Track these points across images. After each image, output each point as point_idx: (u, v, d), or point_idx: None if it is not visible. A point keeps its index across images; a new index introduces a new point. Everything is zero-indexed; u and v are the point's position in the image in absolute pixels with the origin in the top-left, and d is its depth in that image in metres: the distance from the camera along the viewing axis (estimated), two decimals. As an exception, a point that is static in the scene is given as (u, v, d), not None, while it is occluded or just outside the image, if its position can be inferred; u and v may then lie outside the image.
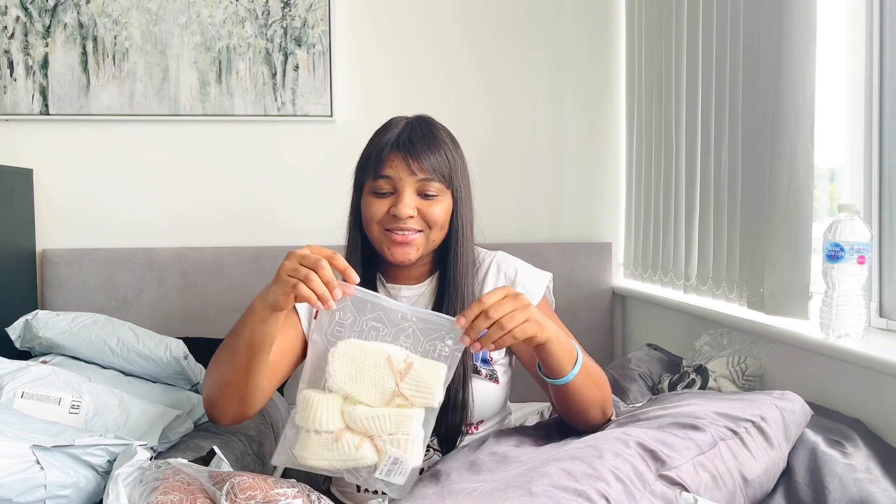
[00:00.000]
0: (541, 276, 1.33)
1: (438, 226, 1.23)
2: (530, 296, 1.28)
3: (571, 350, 1.12)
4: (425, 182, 1.21)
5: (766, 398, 1.19)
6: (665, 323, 2.14)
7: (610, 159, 2.51)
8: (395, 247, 1.23)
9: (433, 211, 1.22)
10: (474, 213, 1.31)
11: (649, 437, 1.04)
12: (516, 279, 1.31)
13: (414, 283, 1.32)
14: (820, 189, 1.64)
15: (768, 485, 1.12)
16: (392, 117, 1.30)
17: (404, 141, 1.22)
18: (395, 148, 1.22)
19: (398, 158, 1.21)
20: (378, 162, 1.22)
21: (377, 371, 1.00)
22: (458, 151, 1.29)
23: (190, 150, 2.39)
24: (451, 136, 1.29)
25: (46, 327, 1.70)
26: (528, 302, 1.03)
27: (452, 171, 1.24)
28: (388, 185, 1.22)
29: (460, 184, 1.26)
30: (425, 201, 1.22)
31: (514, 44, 2.46)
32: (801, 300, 1.48)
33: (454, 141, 1.29)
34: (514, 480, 0.94)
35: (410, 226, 1.21)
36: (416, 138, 1.22)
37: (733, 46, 1.71)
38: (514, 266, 1.33)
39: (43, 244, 2.33)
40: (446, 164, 1.23)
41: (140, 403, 1.48)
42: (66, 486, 1.15)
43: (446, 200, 1.24)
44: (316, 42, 2.37)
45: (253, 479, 0.93)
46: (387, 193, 1.23)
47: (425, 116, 1.30)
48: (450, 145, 1.26)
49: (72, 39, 2.32)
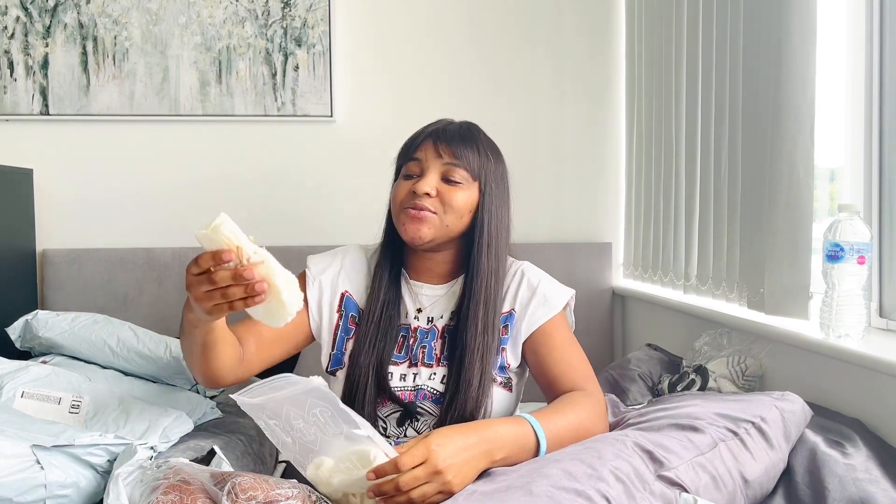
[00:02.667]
0: (564, 290, 1.33)
1: (455, 211, 1.23)
2: (549, 304, 1.28)
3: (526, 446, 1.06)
4: (451, 167, 1.24)
5: (767, 399, 1.20)
6: (665, 323, 2.14)
7: (610, 159, 2.51)
8: (409, 222, 1.23)
9: (454, 196, 1.23)
10: (510, 220, 1.31)
11: (647, 440, 1.05)
12: (538, 287, 1.30)
13: (436, 283, 1.32)
14: (820, 189, 1.64)
15: (768, 485, 1.12)
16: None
17: (440, 130, 1.27)
18: (430, 136, 1.27)
19: (429, 143, 1.26)
20: (411, 147, 1.28)
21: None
22: (498, 159, 1.30)
23: (190, 150, 2.39)
24: (494, 145, 1.32)
25: (46, 327, 1.70)
26: (445, 479, 0.97)
27: (482, 166, 1.26)
28: (417, 167, 1.25)
29: (490, 181, 1.27)
30: (448, 185, 1.24)
31: (514, 44, 2.46)
32: (801, 300, 1.47)
33: (495, 149, 1.31)
34: (515, 481, 0.94)
35: (427, 204, 1.22)
36: (451, 130, 1.27)
37: (733, 46, 1.71)
38: (538, 276, 1.32)
39: (43, 244, 2.33)
40: (476, 156, 1.25)
41: (140, 403, 1.48)
42: (66, 486, 1.15)
43: (470, 191, 1.25)
44: (316, 42, 2.36)
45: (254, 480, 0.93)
46: (414, 176, 1.25)
47: (471, 122, 1.33)
48: (486, 148, 1.28)
49: (72, 39, 2.32)
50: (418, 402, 1.24)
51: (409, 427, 1.25)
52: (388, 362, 1.27)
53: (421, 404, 1.24)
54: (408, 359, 1.28)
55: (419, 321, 1.31)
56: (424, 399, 1.24)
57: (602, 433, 1.15)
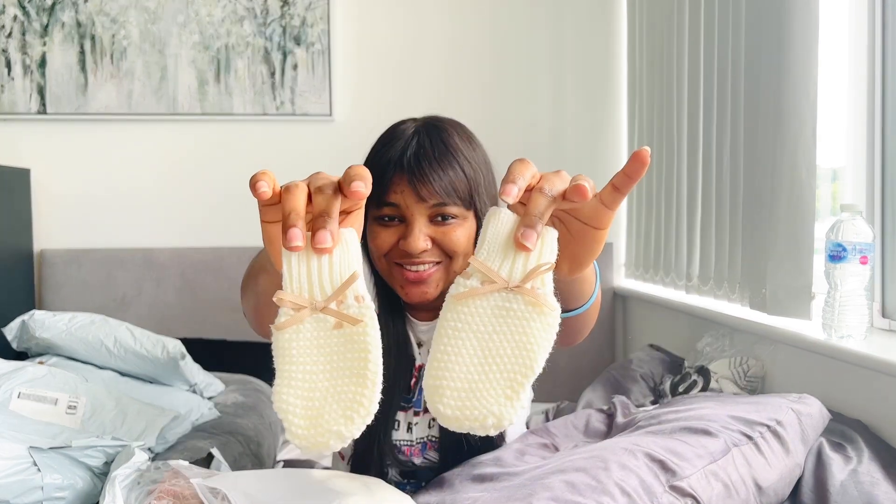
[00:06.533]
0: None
1: (460, 255, 1.02)
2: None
3: (592, 274, 0.83)
4: (439, 206, 1.01)
5: (783, 401, 1.16)
6: (667, 323, 2.13)
7: (611, 159, 2.50)
8: (409, 286, 1.03)
9: (452, 238, 1.01)
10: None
11: (658, 447, 1.01)
12: None
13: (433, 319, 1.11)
14: (822, 189, 1.63)
15: (784, 491, 1.08)
16: (396, 122, 1.10)
17: (410, 160, 1.01)
18: (400, 169, 1.01)
19: (403, 182, 1.00)
20: (381, 187, 1.01)
21: None
22: (479, 154, 1.08)
23: (188, 149, 2.38)
24: (468, 135, 1.09)
25: (43, 328, 1.69)
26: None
27: (473, 188, 1.03)
28: (395, 212, 1.02)
29: (484, 199, 1.05)
30: (442, 228, 1.01)
31: (514, 42, 2.46)
32: (804, 300, 1.47)
33: (472, 142, 1.08)
34: (517, 492, 0.93)
35: (425, 259, 1.01)
36: (423, 155, 1.01)
37: (735, 46, 1.70)
38: None
39: (41, 244, 2.32)
40: (463, 181, 1.02)
41: (137, 404, 1.47)
42: (62, 488, 1.14)
43: (468, 223, 1.03)
44: (315, 41, 2.36)
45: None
46: (395, 219, 1.02)
47: (434, 121, 1.09)
48: (466, 153, 1.04)
49: (70, 38, 2.31)
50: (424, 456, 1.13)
51: (412, 481, 1.16)
52: (392, 419, 1.12)
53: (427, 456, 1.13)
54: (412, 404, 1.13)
55: (421, 357, 1.13)
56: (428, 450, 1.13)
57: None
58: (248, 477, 0.95)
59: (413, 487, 1.13)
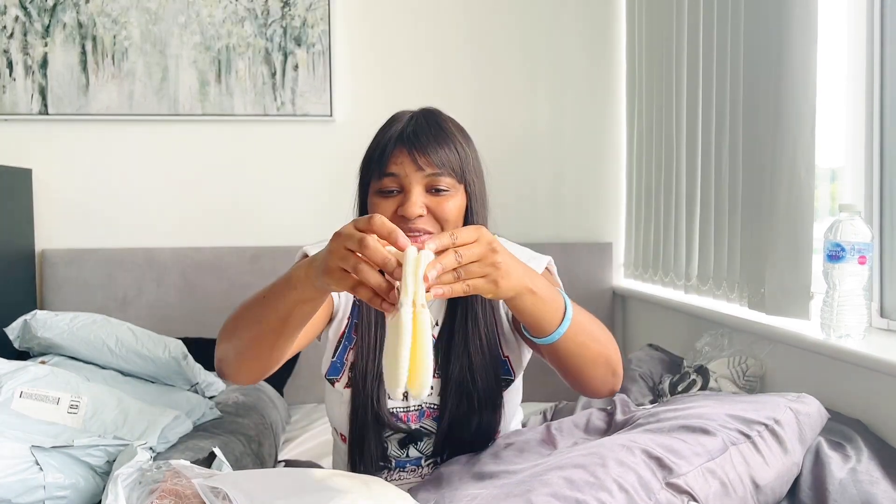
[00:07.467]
0: (541, 257, 1.27)
1: (451, 224, 1.12)
2: None
3: (555, 304, 0.97)
4: (435, 177, 1.11)
5: (781, 400, 1.16)
6: (666, 323, 2.14)
7: (610, 159, 2.51)
8: None
9: (445, 207, 1.11)
10: (488, 210, 1.22)
11: (656, 444, 1.02)
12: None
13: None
14: (821, 189, 1.63)
15: (781, 490, 1.09)
16: (396, 112, 1.21)
17: (409, 134, 1.12)
18: (400, 143, 1.12)
19: (403, 154, 1.11)
20: (382, 159, 1.12)
21: None
22: (470, 144, 1.19)
23: (189, 149, 2.39)
24: (461, 128, 1.20)
25: (45, 327, 1.69)
26: (496, 260, 0.87)
27: (464, 165, 1.14)
28: (395, 183, 1.11)
29: (473, 178, 1.16)
30: (436, 197, 1.11)
31: (514, 43, 2.46)
32: (802, 300, 1.47)
33: (464, 133, 1.19)
34: (515, 488, 0.93)
35: (420, 226, 1.10)
36: (421, 131, 1.13)
37: (734, 46, 1.70)
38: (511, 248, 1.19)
39: (42, 244, 2.33)
40: (456, 157, 1.13)
41: (138, 403, 1.48)
42: (64, 487, 1.15)
43: (459, 196, 1.14)
44: (315, 41, 2.36)
45: None
46: (394, 192, 1.11)
47: (431, 108, 1.21)
48: (459, 137, 1.16)
49: (71, 39, 2.31)
50: (421, 423, 1.18)
51: (412, 448, 1.19)
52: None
53: (423, 424, 1.18)
54: None
55: None
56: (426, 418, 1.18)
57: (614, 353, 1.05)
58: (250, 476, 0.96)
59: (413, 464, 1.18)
